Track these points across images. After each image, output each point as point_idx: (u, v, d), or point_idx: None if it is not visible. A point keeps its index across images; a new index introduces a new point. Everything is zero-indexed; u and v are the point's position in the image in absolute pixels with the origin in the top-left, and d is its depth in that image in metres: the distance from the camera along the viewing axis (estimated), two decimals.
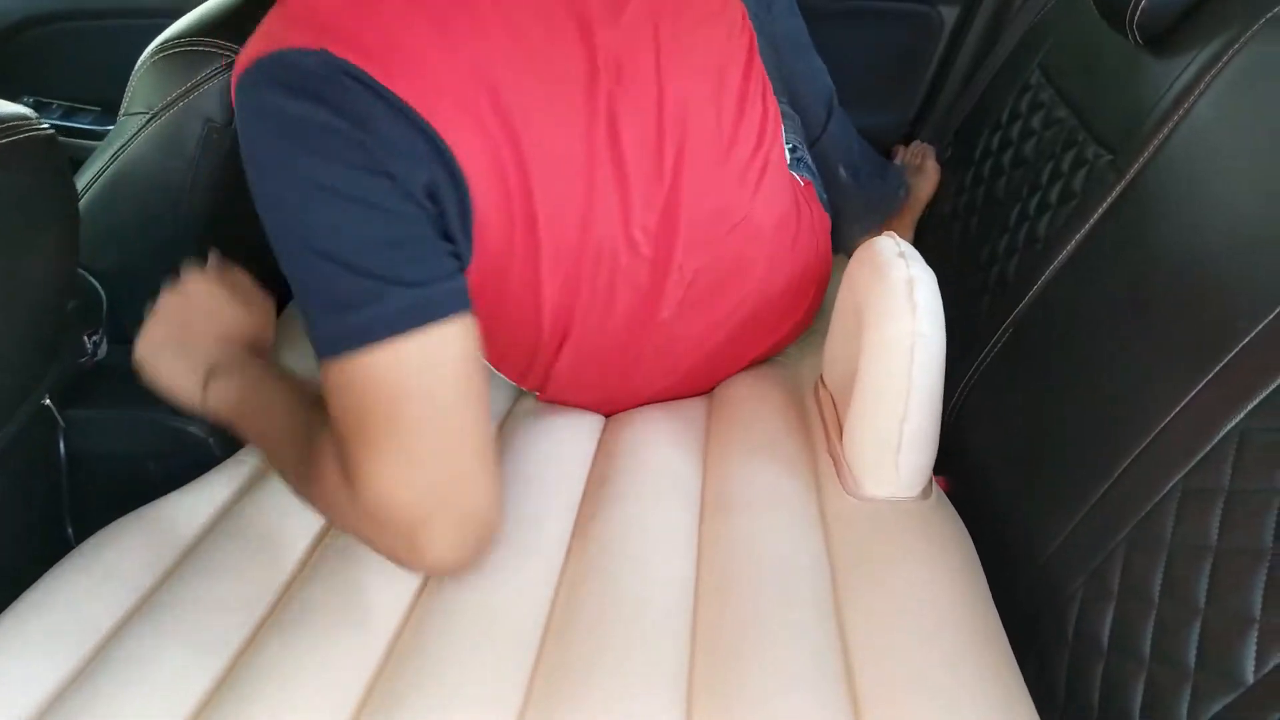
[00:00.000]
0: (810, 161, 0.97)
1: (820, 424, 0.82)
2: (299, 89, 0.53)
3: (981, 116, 1.05)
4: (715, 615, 0.62)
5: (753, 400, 0.83)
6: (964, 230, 1.00)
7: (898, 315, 0.67)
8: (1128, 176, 0.74)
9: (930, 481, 0.73)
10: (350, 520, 0.60)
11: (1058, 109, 0.90)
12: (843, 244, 1.08)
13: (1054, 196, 0.83)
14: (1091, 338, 0.71)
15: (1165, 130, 0.72)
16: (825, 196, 0.97)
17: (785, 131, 0.94)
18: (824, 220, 0.93)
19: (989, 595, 0.66)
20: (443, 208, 0.58)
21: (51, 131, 0.59)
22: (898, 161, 1.18)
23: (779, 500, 0.71)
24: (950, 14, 1.19)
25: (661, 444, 0.78)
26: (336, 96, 0.53)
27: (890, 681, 0.56)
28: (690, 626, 0.62)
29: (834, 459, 0.76)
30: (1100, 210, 0.76)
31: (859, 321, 0.71)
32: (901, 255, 0.70)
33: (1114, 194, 0.75)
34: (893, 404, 0.68)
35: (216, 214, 0.85)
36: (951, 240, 1.02)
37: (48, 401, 0.72)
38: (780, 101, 0.97)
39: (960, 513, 0.75)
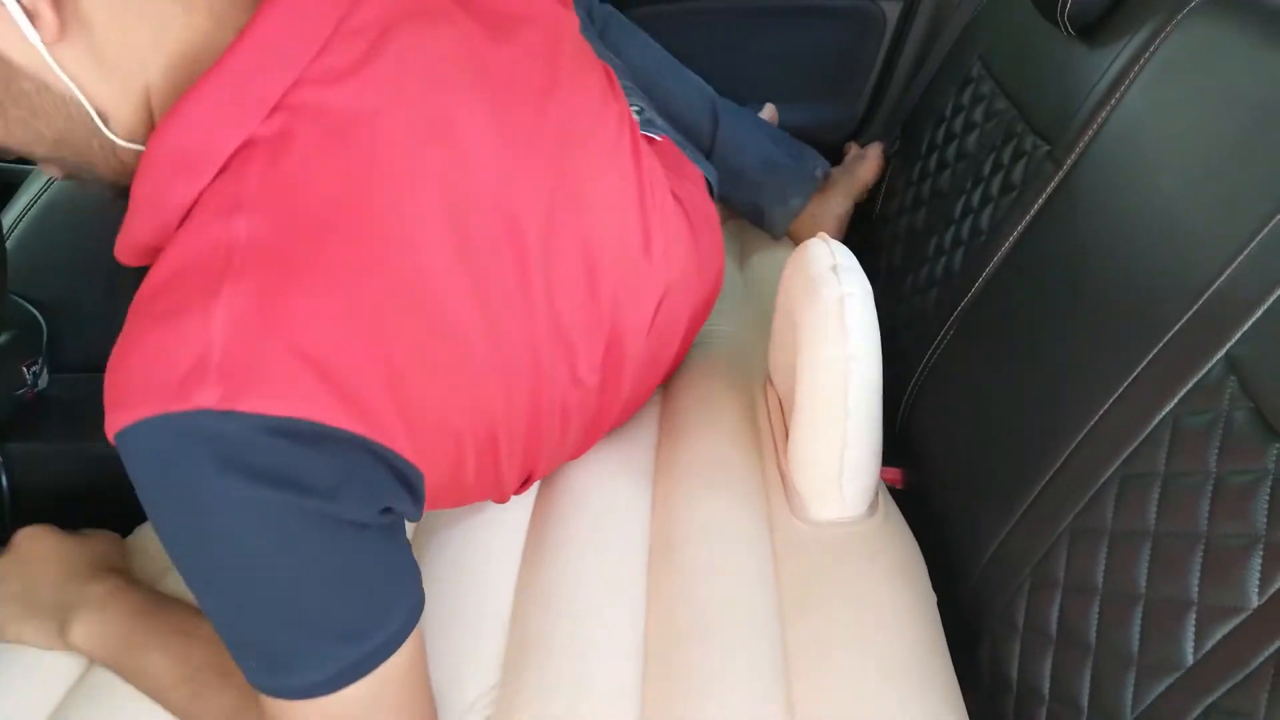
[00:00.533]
0: (661, 122, 0.96)
1: (768, 427, 0.82)
2: (217, 464, 0.43)
3: (926, 110, 1.06)
4: (663, 674, 0.62)
5: (703, 411, 0.82)
6: (911, 225, 1.01)
7: (830, 339, 0.66)
8: (1064, 167, 0.75)
9: (877, 495, 0.73)
10: None
11: (998, 101, 0.91)
12: (771, 226, 1.10)
13: (995, 188, 0.84)
14: (1031, 330, 0.71)
15: (1098, 120, 0.72)
16: (686, 146, 0.96)
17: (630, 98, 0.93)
18: (697, 178, 0.90)
19: (932, 607, 0.67)
20: (396, 509, 0.51)
21: None
22: (848, 157, 1.19)
23: (727, 533, 0.70)
24: (893, 9, 1.20)
25: (605, 478, 0.77)
26: (264, 463, 0.44)
27: (827, 705, 0.58)
28: (639, 683, 0.62)
29: (782, 477, 0.75)
30: (1039, 202, 0.76)
31: (795, 336, 0.71)
32: (834, 269, 0.69)
33: (1051, 185, 0.75)
34: (832, 433, 0.67)
35: None
36: (900, 235, 1.03)
37: None
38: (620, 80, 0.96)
39: (912, 506, 0.76)
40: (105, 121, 0.47)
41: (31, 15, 0.42)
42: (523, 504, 0.76)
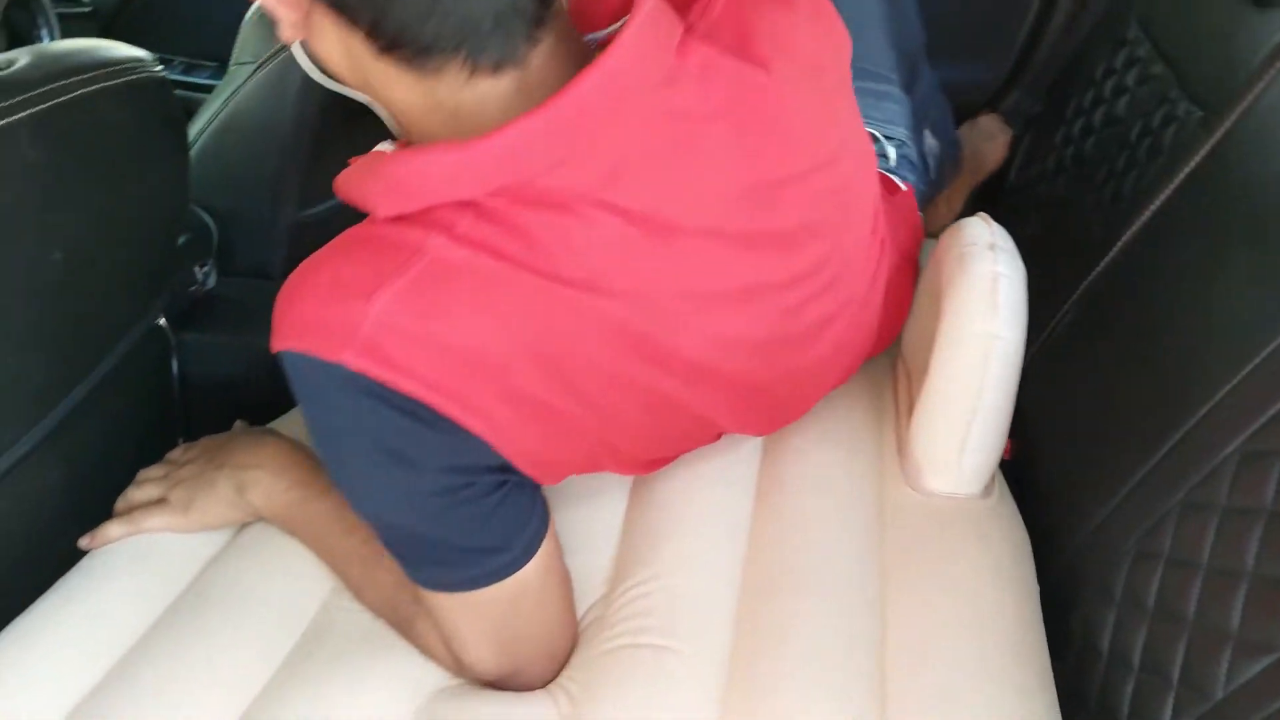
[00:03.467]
0: (915, 155, 0.91)
1: (892, 398, 0.81)
2: (352, 401, 0.50)
3: (1076, 73, 1.02)
4: (757, 612, 0.63)
5: None
6: (1050, 191, 0.98)
7: (977, 314, 0.65)
8: (1217, 134, 0.71)
9: (993, 479, 0.72)
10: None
11: (1154, 65, 0.87)
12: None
13: (1141, 154, 0.81)
14: (1166, 299, 0.69)
15: (1258, 87, 0.68)
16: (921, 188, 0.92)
17: (892, 125, 0.89)
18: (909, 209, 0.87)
19: (1037, 604, 0.66)
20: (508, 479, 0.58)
21: (163, 74, 0.64)
22: (974, 131, 1.15)
23: (836, 485, 0.71)
24: None
25: None
26: (383, 428, 0.51)
27: (920, 693, 0.58)
28: (733, 621, 0.63)
29: (899, 443, 0.75)
30: (1186, 169, 0.73)
31: (939, 308, 0.70)
32: (992, 247, 0.68)
33: (1202, 152, 0.72)
34: (963, 403, 0.67)
35: (315, 153, 0.91)
36: (1040, 201, 1.00)
37: (163, 323, 0.79)
38: (889, 84, 0.90)
39: (1020, 474, 0.75)
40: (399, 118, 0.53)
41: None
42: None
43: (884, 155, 0.87)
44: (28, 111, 0.51)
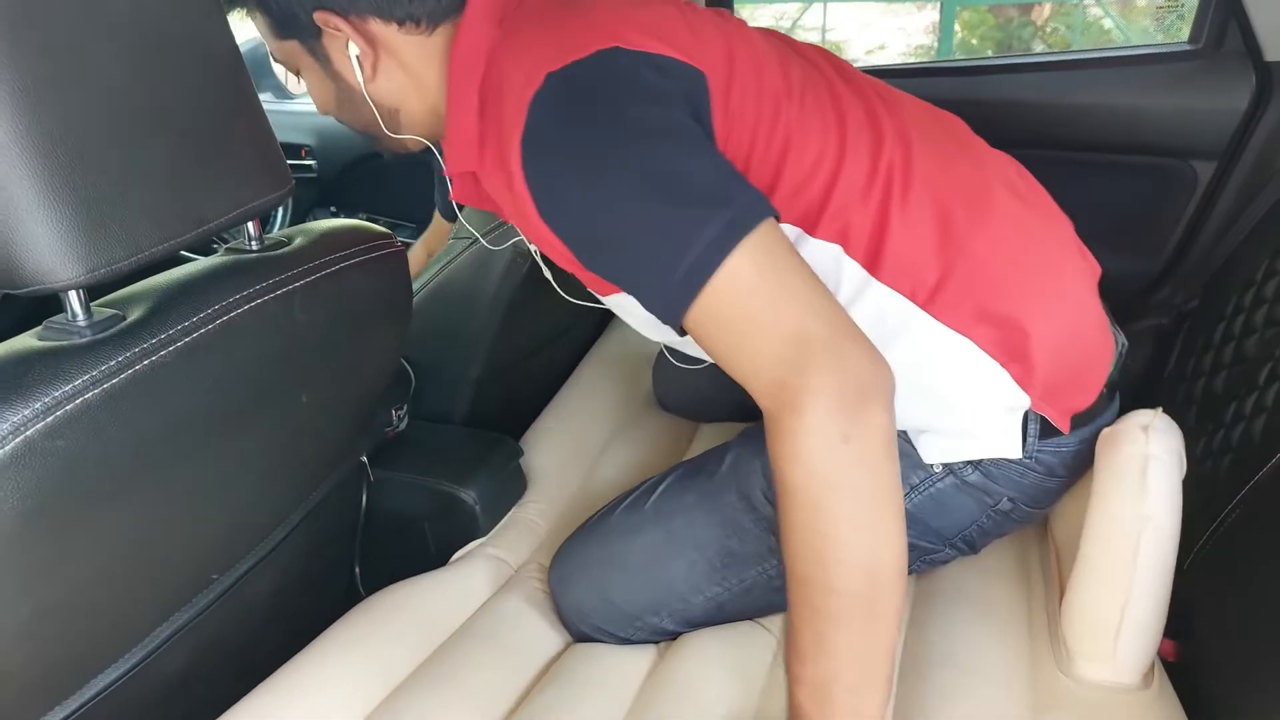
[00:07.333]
0: None
1: (1040, 575, 0.80)
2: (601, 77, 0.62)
3: (1234, 271, 1.03)
4: None
5: None
6: (1208, 387, 0.97)
7: (1127, 496, 0.66)
8: None
9: (1154, 667, 0.69)
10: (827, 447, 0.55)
11: None
12: None
13: None
14: None
15: None
16: None
17: None
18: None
19: None
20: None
21: (404, 247, 0.76)
22: None
23: (984, 666, 0.69)
24: (1205, 169, 1.17)
25: None
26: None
27: None
28: None
29: (1050, 625, 0.74)
30: None
31: (1090, 486, 0.70)
32: (1144, 428, 0.68)
33: None
34: (1115, 586, 0.66)
35: (507, 322, 1.03)
36: (1195, 396, 0.99)
37: (365, 459, 0.89)
38: None
39: (1185, 678, 0.72)
40: (397, 126, 0.77)
41: (361, 63, 0.72)
42: None
43: None
44: (301, 282, 0.63)
